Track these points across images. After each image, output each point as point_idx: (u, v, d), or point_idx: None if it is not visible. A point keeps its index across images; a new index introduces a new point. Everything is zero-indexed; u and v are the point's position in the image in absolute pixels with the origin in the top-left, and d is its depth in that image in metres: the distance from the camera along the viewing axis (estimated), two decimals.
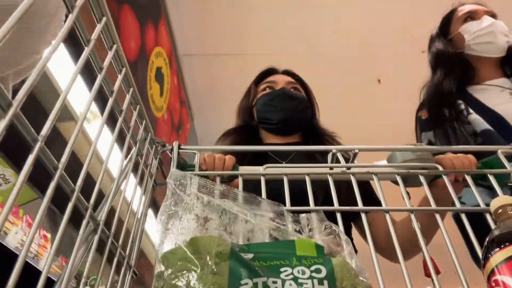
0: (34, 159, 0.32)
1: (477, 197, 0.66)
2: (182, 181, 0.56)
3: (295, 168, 0.73)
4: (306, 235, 0.52)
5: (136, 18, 2.26)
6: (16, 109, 0.29)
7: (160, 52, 2.68)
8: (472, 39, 1.30)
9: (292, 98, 1.19)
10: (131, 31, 2.20)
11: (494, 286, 0.46)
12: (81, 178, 0.40)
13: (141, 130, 0.66)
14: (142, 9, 2.39)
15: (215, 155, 0.82)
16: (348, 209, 0.65)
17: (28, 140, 0.32)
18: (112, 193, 0.53)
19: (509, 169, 0.70)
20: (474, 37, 1.30)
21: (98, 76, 0.47)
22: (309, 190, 0.65)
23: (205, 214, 0.52)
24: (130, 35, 2.19)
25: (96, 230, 0.46)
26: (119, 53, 0.54)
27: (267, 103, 1.20)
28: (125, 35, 2.12)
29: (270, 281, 0.42)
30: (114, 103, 0.53)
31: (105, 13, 0.48)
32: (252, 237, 0.51)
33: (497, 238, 0.49)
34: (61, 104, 0.36)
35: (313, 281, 0.42)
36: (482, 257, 0.50)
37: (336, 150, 0.74)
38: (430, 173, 0.72)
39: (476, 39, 1.30)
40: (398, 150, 0.78)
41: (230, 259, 0.45)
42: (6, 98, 0.29)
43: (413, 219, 0.63)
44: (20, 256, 0.29)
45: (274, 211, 0.55)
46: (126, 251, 0.54)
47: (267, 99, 1.21)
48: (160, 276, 0.44)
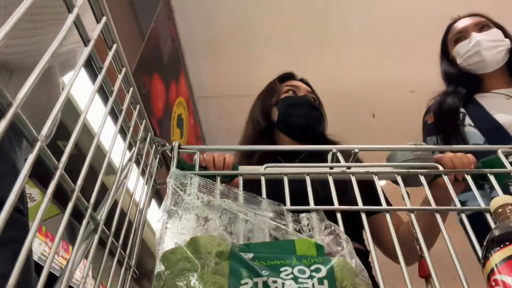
0: (35, 159, 0.32)
1: (478, 198, 0.66)
2: (182, 180, 0.56)
3: (295, 168, 0.73)
4: (306, 234, 0.52)
5: (162, 81, 2.46)
6: (17, 109, 0.29)
7: (181, 101, 2.93)
8: (464, 61, 1.32)
9: (314, 108, 1.25)
10: (159, 94, 2.40)
11: (494, 286, 0.46)
12: (81, 177, 0.40)
13: (141, 129, 0.66)
14: (166, 70, 2.61)
15: (214, 154, 0.82)
16: (348, 209, 0.65)
17: (28, 140, 0.32)
18: (112, 193, 0.53)
19: (509, 168, 0.70)
20: (465, 59, 1.31)
21: (98, 76, 0.47)
22: (309, 190, 0.65)
23: (205, 214, 0.52)
24: (158, 98, 2.39)
25: (96, 229, 0.46)
26: (119, 52, 0.54)
27: (292, 106, 1.25)
28: (155, 99, 2.32)
29: (270, 281, 0.42)
30: (114, 103, 0.53)
31: (105, 13, 0.48)
32: (252, 236, 0.51)
33: (496, 237, 0.49)
34: (61, 105, 0.36)
35: (313, 280, 0.42)
36: (482, 257, 0.51)
37: (336, 150, 0.74)
38: (430, 172, 0.72)
39: (466, 60, 1.31)
40: (398, 150, 0.78)
41: (230, 258, 0.45)
42: (6, 98, 0.29)
43: (413, 219, 0.63)
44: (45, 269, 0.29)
45: (274, 210, 0.55)
46: (126, 251, 0.54)
47: (292, 102, 1.25)
48: (160, 275, 0.44)
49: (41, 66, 0.32)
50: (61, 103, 0.36)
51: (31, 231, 0.30)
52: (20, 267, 0.28)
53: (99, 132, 0.45)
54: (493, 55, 1.27)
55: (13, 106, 0.29)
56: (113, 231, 0.49)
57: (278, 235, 0.51)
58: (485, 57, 1.27)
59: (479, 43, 1.27)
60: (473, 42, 1.28)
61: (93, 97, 0.43)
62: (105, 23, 0.48)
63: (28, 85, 0.30)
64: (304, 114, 1.22)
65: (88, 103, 0.42)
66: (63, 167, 0.36)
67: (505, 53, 1.28)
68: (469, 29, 1.32)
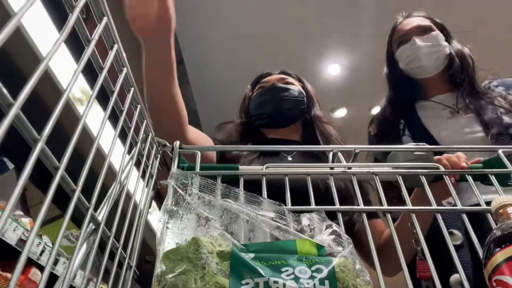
0: (35, 159, 0.31)
1: (478, 197, 0.66)
2: (183, 180, 0.56)
3: (296, 168, 0.73)
4: (307, 234, 0.52)
5: None
6: (17, 109, 0.29)
7: None
8: (405, 65, 1.33)
9: (281, 89, 1.22)
10: None
11: (495, 286, 0.46)
12: (82, 178, 0.40)
13: (142, 130, 0.66)
14: None
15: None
16: (348, 209, 0.65)
17: (29, 140, 0.32)
18: (113, 194, 0.53)
19: (510, 169, 0.70)
20: (406, 64, 1.32)
21: (99, 76, 0.47)
22: (310, 190, 0.65)
23: (206, 214, 0.52)
24: None
25: (97, 230, 0.46)
26: (119, 53, 0.53)
27: (257, 100, 1.25)
28: None
29: (271, 281, 0.42)
30: (115, 103, 0.53)
31: (105, 13, 0.48)
32: (253, 237, 0.51)
33: (498, 238, 0.49)
34: (62, 105, 0.36)
35: (314, 281, 0.42)
36: (483, 257, 0.50)
37: (336, 150, 0.74)
38: (430, 172, 0.72)
39: (407, 65, 1.32)
40: (399, 150, 0.78)
41: (231, 259, 0.45)
42: (6, 98, 0.29)
43: (414, 219, 0.63)
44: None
45: (275, 210, 0.55)
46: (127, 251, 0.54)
47: (257, 96, 1.26)
48: (161, 276, 0.44)
49: (42, 67, 0.32)
50: (62, 104, 0.35)
51: (32, 232, 0.30)
52: (20, 270, 0.28)
53: (100, 132, 0.45)
54: (432, 60, 1.28)
55: (14, 106, 0.29)
56: (113, 231, 0.49)
57: (279, 235, 0.51)
58: (424, 62, 1.28)
59: (418, 48, 1.28)
60: (413, 47, 1.29)
61: (94, 97, 0.43)
62: (106, 24, 0.48)
63: (29, 85, 0.30)
64: (269, 99, 1.21)
65: (89, 103, 0.42)
66: (64, 167, 0.36)
67: (443, 58, 1.29)
68: (411, 33, 1.32)
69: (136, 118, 0.62)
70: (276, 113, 1.21)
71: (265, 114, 1.22)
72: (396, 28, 1.39)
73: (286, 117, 1.22)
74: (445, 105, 1.27)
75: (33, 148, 0.32)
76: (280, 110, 1.20)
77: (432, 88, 1.33)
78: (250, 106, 1.28)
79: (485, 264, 0.49)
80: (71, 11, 0.39)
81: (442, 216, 0.62)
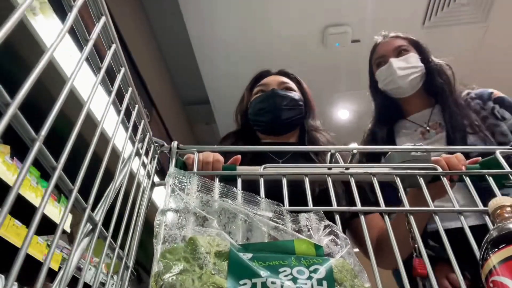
0: (33, 159, 0.31)
1: (476, 198, 0.66)
2: (181, 180, 0.56)
3: (294, 168, 0.73)
4: (305, 234, 0.52)
5: None
6: (15, 109, 0.29)
7: None
8: (384, 86, 1.35)
9: (281, 97, 1.21)
10: None
11: (492, 287, 0.46)
12: (80, 178, 0.40)
13: (140, 130, 0.66)
14: None
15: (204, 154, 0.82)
16: (347, 209, 0.65)
17: (26, 140, 0.32)
18: (110, 193, 0.53)
19: (507, 170, 0.70)
20: (384, 85, 1.35)
21: (97, 76, 0.47)
22: (307, 190, 0.65)
23: (204, 214, 0.52)
24: None
25: (94, 230, 0.45)
26: (117, 52, 0.53)
27: (257, 106, 1.24)
28: None
29: (269, 282, 0.42)
30: (113, 103, 0.52)
31: (104, 12, 0.48)
32: (251, 236, 0.51)
33: (495, 239, 0.49)
34: (60, 105, 0.35)
35: (312, 281, 0.42)
36: (480, 258, 0.51)
37: (334, 151, 0.74)
38: (428, 173, 0.72)
39: (386, 86, 1.35)
40: (397, 151, 0.78)
41: (229, 259, 0.44)
42: (4, 97, 0.28)
43: (412, 220, 0.63)
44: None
45: (273, 210, 0.55)
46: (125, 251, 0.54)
47: (256, 102, 1.24)
48: (158, 275, 0.44)
49: (40, 65, 0.32)
50: (60, 103, 0.35)
51: (30, 231, 0.30)
52: (18, 268, 0.28)
53: (97, 132, 0.45)
54: (408, 82, 1.30)
55: (12, 106, 0.29)
56: (111, 231, 0.49)
57: (277, 235, 0.51)
58: (400, 84, 1.30)
59: (394, 72, 1.31)
60: (390, 70, 1.32)
61: (92, 96, 0.43)
62: (104, 23, 0.48)
63: (27, 85, 0.30)
64: (269, 108, 1.20)
65: (87, 103, 0.42)
66: (62, 167, 0.36)
67: (420, 78, 1.32)
68: (388, 54, 1.35)
69: (134, 118, 0.62)
70: (275, 122, 1.20)
71: (264, 122, 1.21)
72: (376, 48, 1.42)
73: (285, 126, 1.22)
74: (417, 124, 1.30)
75: (31, 148, 0.32)
76: (280, 119, 1.19)
77: (409, 106, 1.36)
78: (249, 111, 1.27)
79: (482, 265, 0.49)
80: (69, 10, 0.39)
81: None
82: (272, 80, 1.28)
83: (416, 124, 1.31)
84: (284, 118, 1.20)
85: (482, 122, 1.20)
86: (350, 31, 3.16)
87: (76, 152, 0.40)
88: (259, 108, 1.22)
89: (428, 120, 1.29)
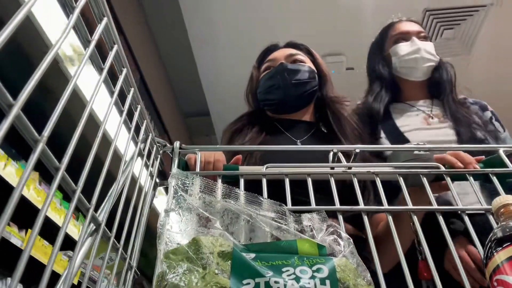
0: (36, 159, 0.31)
1: (480, 197, 0.66)
2: (183, 181, 0.56)
3: (296, 168, 0.73)
4: (308, 234, 0.52)
5: None
6: (18, 110, 0.29)
7: None
8: (399, 63, 1.33)
9: (290, 72, 1.12)
10: None
11: (496, 286, 0.46)
12: (83, 179, 0.40)
13: (142, 130, 0.66)
14: None
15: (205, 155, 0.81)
16: (349, 209, 0.65)
17: (29, 141, 0.32)
18: (113, 194, 0.53)
19: (511, 168, 0.70)
20: (400, 61, 1.33)
21: (99, 77, 0.47)
22: (310, 190, 0.65)
23: (207, 214, 0.52)
24: None
25: (97, 230, 0.46)
26: (119, 53, 0.53)
27: (265, 84, 1.16)
28: None
29: (272, 281, 0.42)
30: (115, 104, 0.53)
31: (105, 13, 0.48)
32: (254, 237, 0.51)
33: (499, 237, 0.48)
34: (62, 106, 0.36)
35: (315, 280, 0.42)
36: (484, 257, 0.50)
37: (336, 150, 0.74)
38: (431, 172, 0.72)
39: (401, 63, 1.33)
40: (399, 150, 0.78)
41: (232, 259, 0.45)
42: (6, 99, 0.29)
43: (415, 219, 0.63)
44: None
45: (275, 211, 0.55)
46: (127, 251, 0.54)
47: (265, 79, 1.17)
48: (161, 276, 0.44)
49: (43, 67, 0.32)
50: (62, 104, 0.35)
51: (33, 233, 0.30)
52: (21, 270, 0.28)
53: (99, 132, 0.45)
54: (426, 67, 1.30)
55: (15, 107, 0.29)
56: (114, 231, 0.49)
57: (280, 235, 0.51)
58: (420, 65, 1.30)
59: (419, 50, 1.29)
60: (413, 48, 1.30)
61: (94, 98, 0.43)
62: (106, 24, 0.48)
63: (30, 86, 0.30)
64: (278, 84, 1.12)
65: (89, 103, 0.42)
66: (65, 167, 0.36)
67: (432, 68, 1.32)
68: (412, 34, 1.34)
69: (137, 119, 0.62)
70: (286, 99, 1.12)
71: (275, 100, 1.13)
72: (395, 25, 1.40)
73: (297, 102, 1.13)
74: (420, 109, 1.29)
75: (34, 149, 0.32)
76: (291, 95, 1.11)
77: (409, 92, 1.35)
78: (258, 90, 1.18)
79: (486, 264, 0.49)
80: (71, 11, 0.39)
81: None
82: (281, 53, 1.20)
83: (418, 110, 1.29)
84: (296, 94, 1.12)
85: (484, 125, 1.20)
86: (345, 60, 3.34)
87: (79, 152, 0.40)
88: (269, 86, 1.14)
89: (431, 109, 1.29)
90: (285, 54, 1.19)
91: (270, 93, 1.15)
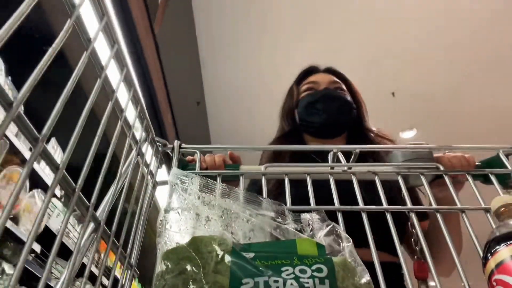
0: (36, 158, 0.32)
1: (478, 197, 0.66)
2: (183, 180, 0.56)
3: (296, 167, 0.73)
4: (307, 234, 0.52)
5: None
6: (17, 109, 0.29)
7: None
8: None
9: (335, 99, 1.14)
10: None
11: (495, 286, 0.46)
12: (82, 178, 0.40)
13: (142, 129, 0.66)
14: None
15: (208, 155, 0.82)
16: (349, 209, 0.65)
17: (29, 140, 0.32)
18: (113, 193, 0.53)
19: (510, 169, 0.70)
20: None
21: (99, 76, 0.47)
22: (309, 190, 0.65)
23: (206, 213, 0.52)
24: None
25: (97, 229, 0.46)
26: (119, 52, 0.53)
27: (309, 105, 1.16)
28: None
29: (271, 280, 0.42)
30: (115, 103, 0.53)
31: (105, 12, 0.48)
32: (253, 236, 0.51)
33: (498, 237, 0.48)
34: (62, 104, 0.36)
35: (314, 280, 0.42)
36: (483, 256, 0.50)
37: (337, 150, 0.74)
38: (430, 172, 0.72)
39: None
40: (399, 150, 0.78)
41: (231, 258, 0.45)
42: (6, 98, 0.29)
43: (414, 218, 0.63)
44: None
45: (275, 210, 0.55)
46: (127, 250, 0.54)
47: (309, 100, 1.16)
48: (161, 275, 0.44)
49: (41, 65, 0.32)
50: (61, 103, 0.36)
51: (32, 232, 0.30)
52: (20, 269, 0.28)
53: (100, 132, 0.45)
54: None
55: (14, 106, 0.29)
56: (114, 230, 0.49)
57: (279, 234, 0.51)
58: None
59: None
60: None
61: (95, 97, 0.43)
62: (106, 23, 0.48)
63: (28, 84, 0.30)
64: (323, 109, 1.12)
65: (89, 103, 0.42)
66: (64, 166, 0.36)
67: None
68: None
69: (136, 118, 0.62)
70: (328, 124, 1.12)
71: (316, 124, 1.13)
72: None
73: (337, 129, 1.14)
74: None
75: (34, 148, 0.32)
76: (334, 122, 1.12)
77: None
78: (299, 109, 1.18)
79: (484, 264, 0.49)
80: (71, 10, 0.39)
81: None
82: (323, 78, 1.20)
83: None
84: (338, 122, 1.13)
85: None
86: None
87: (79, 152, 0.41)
88: (312, 108, 1.14)
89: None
90: (329, 80, 1.19)
91: (312, 115, 1.14)
